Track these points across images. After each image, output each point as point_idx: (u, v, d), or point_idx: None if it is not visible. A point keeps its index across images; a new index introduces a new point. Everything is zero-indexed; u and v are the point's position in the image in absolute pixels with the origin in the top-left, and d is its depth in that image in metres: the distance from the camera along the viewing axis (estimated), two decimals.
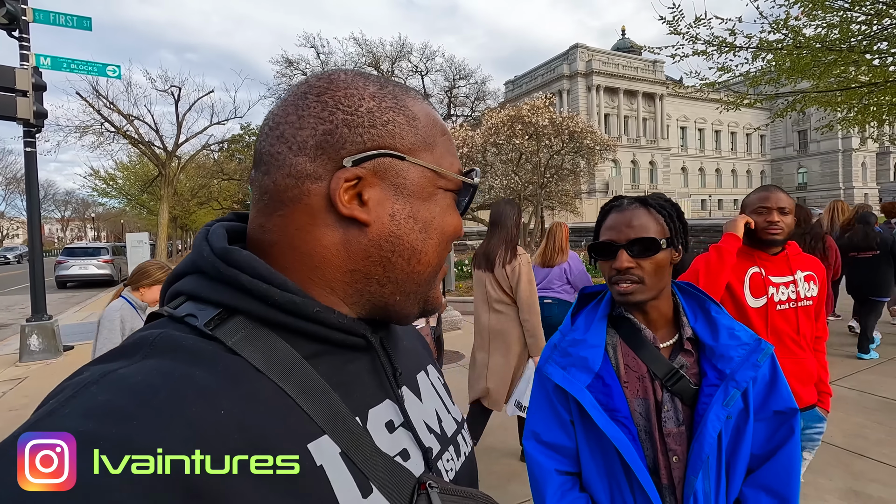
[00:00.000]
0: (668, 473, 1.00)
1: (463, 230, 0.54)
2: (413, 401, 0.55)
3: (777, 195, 1.78)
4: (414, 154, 0.49)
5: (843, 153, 55.65)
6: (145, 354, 0.39)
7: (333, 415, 0.43)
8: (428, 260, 0.51)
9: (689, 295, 1.12)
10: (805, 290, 1.80)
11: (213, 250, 0.46)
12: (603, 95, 48.90)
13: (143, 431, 0.33)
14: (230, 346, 0.41)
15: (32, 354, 6.52)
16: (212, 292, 0.45)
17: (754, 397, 1.02)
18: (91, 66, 7.41)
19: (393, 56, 25.84)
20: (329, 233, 0.46)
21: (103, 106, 17.65)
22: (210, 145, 22.41)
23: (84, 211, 79.54)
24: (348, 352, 0.49)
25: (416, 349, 0.64)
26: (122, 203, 32.30)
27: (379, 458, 0.45)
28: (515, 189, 14.03)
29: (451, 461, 0.55)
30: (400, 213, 0.48)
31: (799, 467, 1.04)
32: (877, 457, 3.07)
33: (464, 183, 0.53)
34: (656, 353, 1.04)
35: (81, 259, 17.21)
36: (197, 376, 0.38)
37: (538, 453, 1.10)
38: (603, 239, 1.07)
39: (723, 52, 8.61)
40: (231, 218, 0.54)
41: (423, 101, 0.53)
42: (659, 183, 51.26)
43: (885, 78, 8.30)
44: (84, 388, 0.35)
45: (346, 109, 0.46)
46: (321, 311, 0.45)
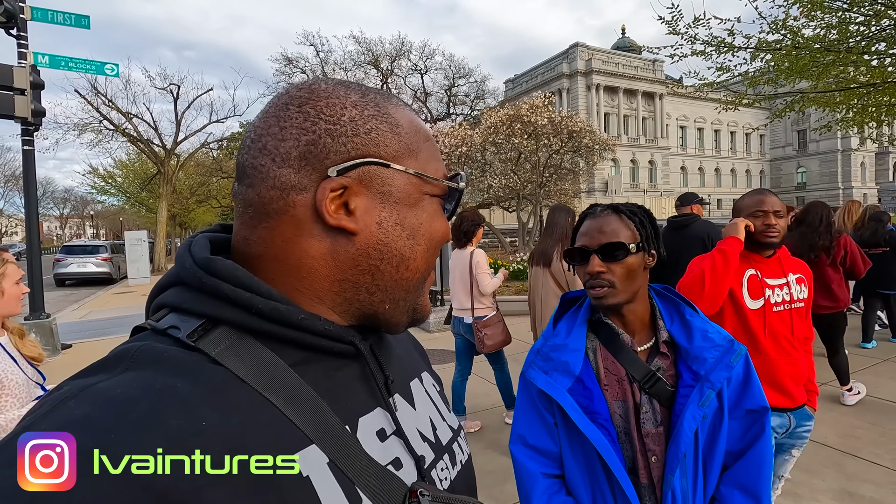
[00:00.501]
0: (648, 473, 1.03)
1: (451, 234, 0.55)
2: (406, 408, 0.55)
3: (772, 199, 1.81)
4: (399, 161, 0.49)
5: (842, 153, 55.67)
6: (126, 367, 0.38)
7: (321, 424, 0.42)
8: (416, 266, 0.51)
9: (666, 299, 1.15)
10: (798, 292, 1.83)
11: (195, 261, 0.45)
12: (603, 94, 48.86)
13: (121, 444, 0.33)
14: (213, 357, 0.41)
15: None
16: (194, 303, 0.44)
17: (728, 396, 1.05)
18: (89, 64, 7.41)
19: (392, 54, 25.81)
20: (316, 243, 0.46)
21: (102, 104, 17.69)
22: (209, 143, 22.42)
23: (83, 209, 79.33)
24: (337, 359, 0.48)
25: (410, 356, 0.64)
26: (120, 201, 32.30)
27: (370, 466, 0.44)
28: (514, 188, 14.05)
29: (445, 470, 0.54)
30: (387, 220, 0.48)
31: (770, 464, 1.08)
32: (870, 457, 3.08)
33: (449, 188, 0.53)
34: (634, 357, 1.07)
35: (80, 257, 17.21)
36: (178, 388, 0.37)
37: (524, 457, 1.12)
38: (577, 244, 1.12)
39: (721, 52, 8.62)
40: (216, 229, 0.54)
41: (405, 107, 0.53)
42: (658, 182, 51.26)
43: (883, 78, 8.31)
44: (62, 402, 0.35)
45: (329, 119, 0.46)
46: (306, 318, 0.44)
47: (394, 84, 26.36)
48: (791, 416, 1.78)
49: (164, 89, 19.48)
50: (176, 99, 19.49)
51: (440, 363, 5.48)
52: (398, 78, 26.55)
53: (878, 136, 12.39)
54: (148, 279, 15.83)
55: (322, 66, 25.77)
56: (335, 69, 26.03)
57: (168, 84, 19.46)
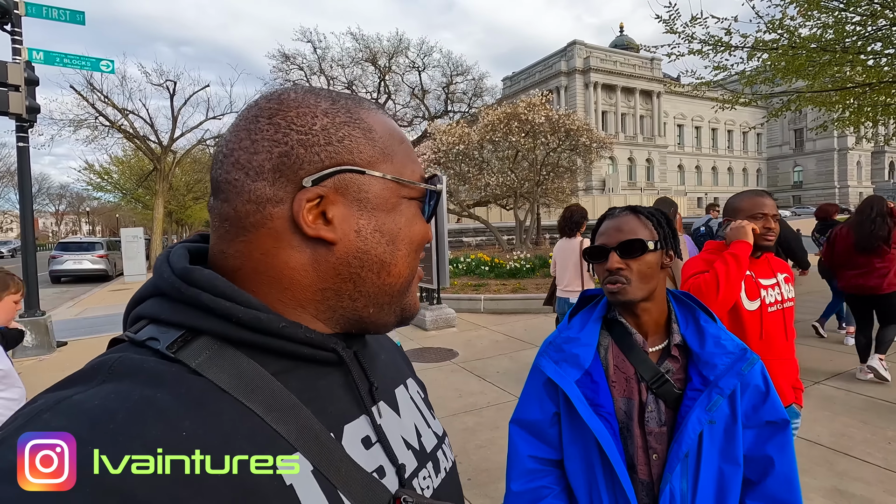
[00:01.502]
0: (648, 470, 1.04)
1: (432, 236, 0.55)
2: (390, 416, 0.54)
3: (770, 201, 1.82)
4: (373, 166, 0.48)
5: (838, 152, 55.91)
6: (103, 379, 0.38)
7: (305, 431, 0.42)
8: (398, 271, 0.50)
9: (683, 303, 1.16)
10: (787, 292, 1.84)
11: (173, 271, 0.45)
12: (601, 92, 48.89)
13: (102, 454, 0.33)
14: (194, 368, 0.40)
15: (25, 350, 6.46)
16: (174, 314, 0.44)
17: (743, 404, 1.06)
18: (84, 60, 7.36)
19: (390, 52, 25.68)
20: (296, 254, 0.46)
21: (98, 100, 17.54)
22: (206, 140, 22.27)
23: (79, 205, 78.94)
24: (319, 367, 0.48)
25: (394, 363, 0.63)
26: (117, 198, 32.07)
27: (355, 473, 0.44)
28: (512, 186, 14.04)
29: (427, 478, 0.54)
30: (365, 227, 0.48)
31: (797, 475, 1.08)
32: (861, 456, 3.11)
33: (427, 190, 0.53)
34: (644, 357, 1.09)
35: (76, 254, 17.15)
36: (157, 398, 0.37)
37: (519, 438, 1.18)
38: (597, 243, 1.15)
39: (718, 51, 8.62)
40: (195, 239, 0.54)
41: (377, 111, 0.52)
42: (655, 180, 51.37)
43: (879, 78, 8.34)
44: (37, 415, 0.34)
45: (300, 129, 0.46)
46: (287, 326, 0.44)
47: (391, 81, 26.26)
48: None
49: (160, 85, 19.35)
50: (172, 95, 19.35)
51: (436, 361, 5.49)
52: (396, 75, 26.45)
53: (874, 136, 12.43)
54: (144, 276, 15.78)
55: (319, 63, 25.65)
56: (332, 66, 25.92)
57: (164, 80, 19.33)
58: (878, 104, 9.20)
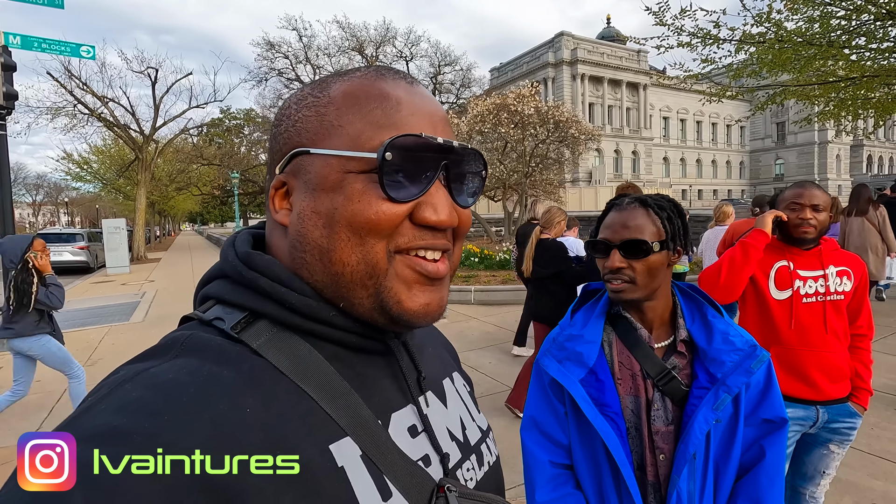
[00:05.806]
0: (655, 471, 1.01)
1: (390, 216, 0.43)
2: (437, 406, 0.55)
3: (812, 192, 1.74)
4: (318, 143, 0.45)
5: (818, 145, 56.98)
6: (176, 354, 0.40)
7: (355, 417, 0.43)
8: (341, 258, 0.44)
9: (689, 297, 1.12)
10: (836, 285, 1.75)
11: (237, 255, 0.48)
12: (588, 84, 49.01)
13: (171, 427, 0.34)
14: (255, 349, 0.43)
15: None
16: (236, 296, 0.46)
17: (746, 403, 1.03)
18: (64, 45, 7.14)
19: (377, 41, 25.39)
20: (281, 240, 0.49)
21: (76, 87, 17.04)
22: (189, 129, 21.84)
23: (56, 195, 77.04)
24: (368, 356, 0.49)
25: (441, 356, 0.64)
26: (97, 188, 31.31)
27: (401, 461, 0.45)
28: (500, 178, 14.06)
29: (471, 470, 0.54)
30: (305, 209, 0.45)
31: (783, 476, 1.05)
32: (858, 446, 3.18)
33: (383, 160, 0.42)
34: (650, 353, 1.05)
35: (56, 245, 16.63)
36: (223, 376, 0.39)
37: (534, 444, 1.12)
38: (600, 237, 1.09)
39: (707, 44, 8.70)
40: (261, 225, 0.55)
41: (358, 77, 0.47)
42: (641, 172, 51.83)
43: (861, 73, 8.50)
44: (119, 385, 0.37)
45: (278, 122, 0.49)
46: (337, 314, 0.46)
47: None
48: (821, 409, 1.74)
49: (141, 73, 18.84)
50: (154, 83, 18.88)
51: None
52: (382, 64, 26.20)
53: (854, 129, 12.67)
54: (127, 268, 15.45)
55: (305, 52, 25.25)
56: (318, 54, 25.53)
57: (146, 68, 18.85)
58: (859, 98, 9.38)
